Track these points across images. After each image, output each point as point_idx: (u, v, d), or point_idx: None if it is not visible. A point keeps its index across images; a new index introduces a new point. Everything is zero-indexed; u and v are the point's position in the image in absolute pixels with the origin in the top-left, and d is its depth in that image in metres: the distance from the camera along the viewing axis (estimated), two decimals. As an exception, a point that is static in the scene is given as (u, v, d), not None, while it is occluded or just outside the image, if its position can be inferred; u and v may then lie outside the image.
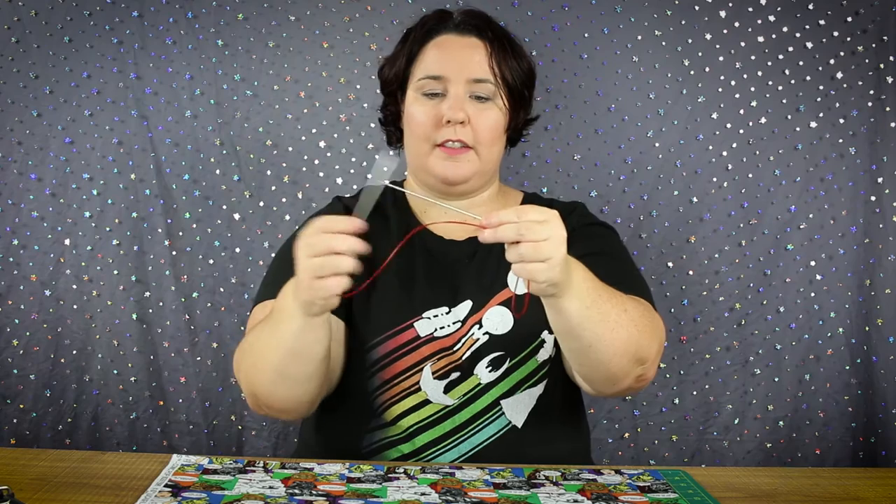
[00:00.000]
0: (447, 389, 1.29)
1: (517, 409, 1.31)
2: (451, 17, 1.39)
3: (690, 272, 1.87)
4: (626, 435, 1.89)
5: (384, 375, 1.29)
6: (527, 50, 1.43)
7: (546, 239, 1.02)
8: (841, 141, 1.84)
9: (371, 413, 1.30)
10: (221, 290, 1.86)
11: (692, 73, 1.83)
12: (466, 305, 1.31)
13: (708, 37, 1.83)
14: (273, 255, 1.80)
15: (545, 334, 1.31)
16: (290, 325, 1.12)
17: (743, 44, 1.83)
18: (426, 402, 1.29)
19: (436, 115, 1.32)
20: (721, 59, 1.83)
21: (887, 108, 1.82)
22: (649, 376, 1.24)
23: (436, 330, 1.30)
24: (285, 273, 1.18)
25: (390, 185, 1.14)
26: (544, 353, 1.32)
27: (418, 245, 1.36)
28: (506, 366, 1.30)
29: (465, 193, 1.40)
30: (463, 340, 1.30)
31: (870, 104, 1.83)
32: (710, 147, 1.85)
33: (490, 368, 1.29)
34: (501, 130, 1.37)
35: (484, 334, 1.30)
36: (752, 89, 1.83)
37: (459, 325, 1.30)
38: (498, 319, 1.30)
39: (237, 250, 1.86)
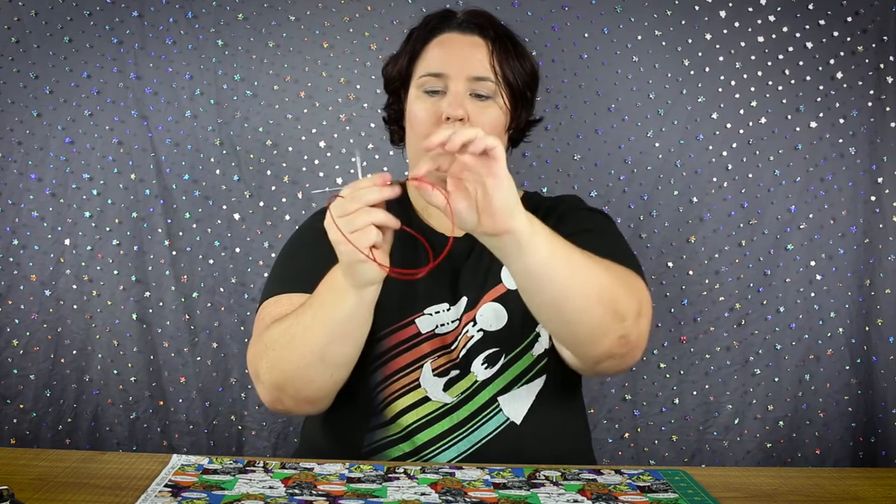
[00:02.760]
0: (447, 387, 1.29)
1: (515, 406, 1.30)
2: (455, 16, 1.39)
3: (690, 272, 1.86)
4: (626, 435, 1.89)
5: (385, 371, 1.29)
6: (529, 51, 1.43)
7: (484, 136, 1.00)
8: (841, 141, 1.84)
9: (371, 410, 1.30)
10: (221, 290, 1.86)
11: (692, 73, 1.83)
12: (463, 302, 1.31)
13: (708, 37, 1.83)
14: (274, 255, 1.81)
15: (540, 328, 1.31)
16: (342, 306, 1.12)
17: (743, 44, 1.83)
18: (426, 399, 1.29)
19: (435, 112, 1.31)
20: (721, 59, 1.83)
21: (887, 108, 1.82)
22: (633, 341, 1.16)
23: (437, 327, 1.30)
24: (296, 265, 1.16)
25: None
26: (540, 348, 1.31)
27: (420, 241, 1.35)
28: (501, 362, 1.30)
29: None
30: (459, 338, 1.30)
31: (870, 104, 1.83)
32: (710, 147, 1.85)
33: (486, 365, 1.29)
34: (502, 129, 1.36)
35: (478, 331, 1.29)
36: (752, 89, 1.83)
37: (458, 322, 1.30)
38: (491, 316, 1.30)
39: (237, 250, 1.86)
